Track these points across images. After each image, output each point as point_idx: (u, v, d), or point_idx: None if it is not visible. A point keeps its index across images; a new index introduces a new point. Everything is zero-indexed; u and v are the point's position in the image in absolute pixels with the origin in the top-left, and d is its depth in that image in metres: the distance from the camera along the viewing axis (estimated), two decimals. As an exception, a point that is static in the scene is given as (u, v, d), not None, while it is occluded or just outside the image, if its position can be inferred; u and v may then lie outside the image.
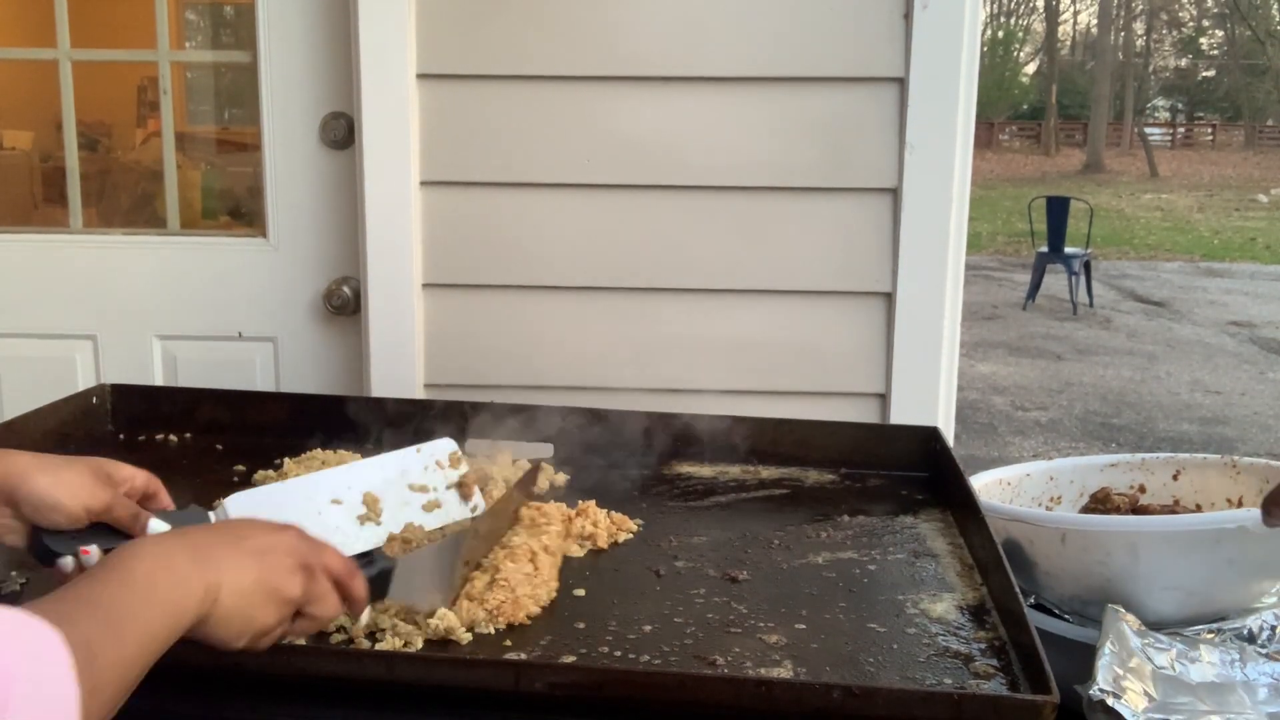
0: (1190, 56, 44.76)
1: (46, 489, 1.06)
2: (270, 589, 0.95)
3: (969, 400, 7.71)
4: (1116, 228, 18.23)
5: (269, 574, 0.95)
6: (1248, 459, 1.89)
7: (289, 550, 0.98)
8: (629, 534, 1.46)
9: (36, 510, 1.06)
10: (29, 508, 1.06)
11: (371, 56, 2.10)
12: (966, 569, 1.38)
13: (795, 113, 2.11)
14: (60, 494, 1.07)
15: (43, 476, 1.07)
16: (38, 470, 1.07)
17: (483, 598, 1.21)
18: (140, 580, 0.85)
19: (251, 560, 0.94)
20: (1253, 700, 1.42)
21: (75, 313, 2.30)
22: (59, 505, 1.06)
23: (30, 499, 1.06)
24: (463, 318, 2.20)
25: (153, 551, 0.88)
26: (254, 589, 0.93)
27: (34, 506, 1.06)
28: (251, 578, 0.93)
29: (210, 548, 0.92)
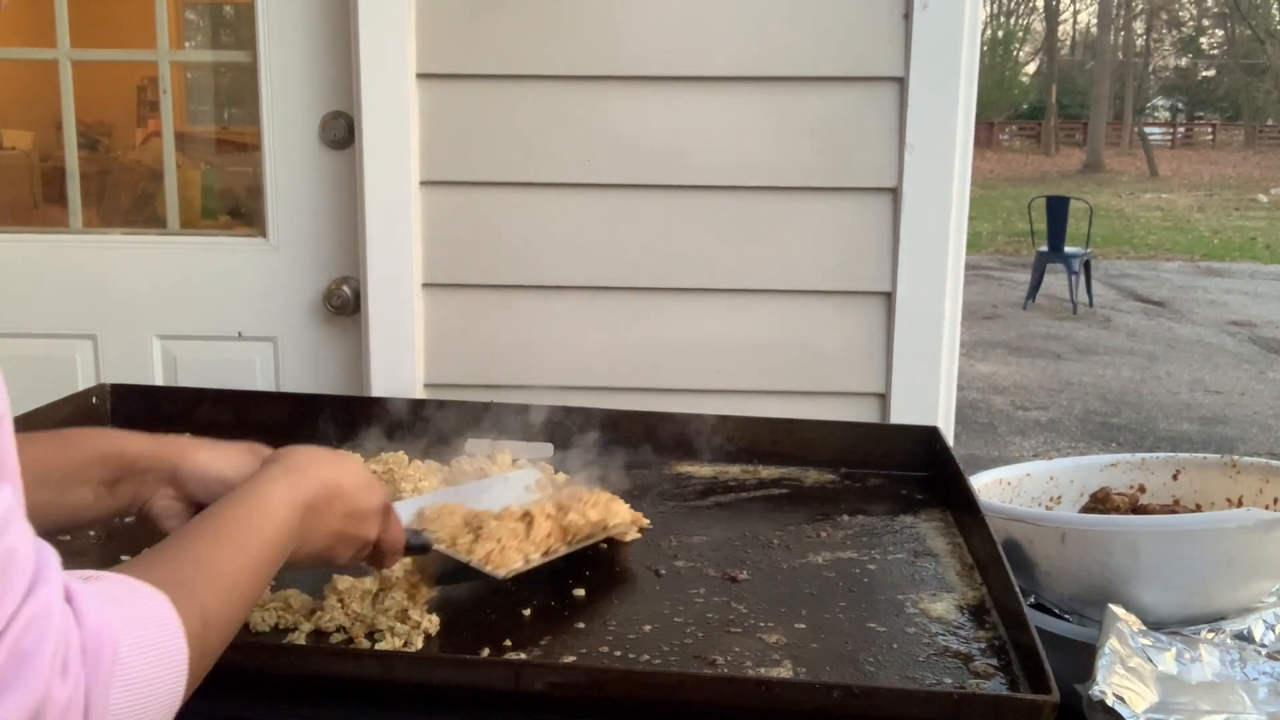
0: (1190, 56, 44.77)
1: (209, 462, 1.08)
2: (327, 556, 1.06)
3: (969, 400, 7.71)
4: (1116, 227, 18.23)
5: (337, 545, 1.06)
6: (1248, 459, 1.89)
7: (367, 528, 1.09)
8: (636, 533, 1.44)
9: (201, 484, 1.07)
10: (194, 483, 1.07)
11: (371, 56, 2.10)
12: (966, 569, 1.38)
13: (795, 113, 2.11)
14: (223, 466, 1.08)
15: (204, 453, 1.09)
16: (199, 448, 1.09)
17: (470, 549, 1.24)
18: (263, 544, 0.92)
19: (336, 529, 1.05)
20: (1253, 700, 1.42)
21: (75, 313, 2.30)
22: (223, 477, 1.06)
23: (194, 474, 1.07)
24: (463, 318, 2.20)
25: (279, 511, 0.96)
26: (319, 554, 1.05)
27: (199, 481, 1.07)
28: (323, 546, 1.05)
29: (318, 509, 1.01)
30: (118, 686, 0.69)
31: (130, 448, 1.07)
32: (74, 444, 1.06)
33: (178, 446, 1.09)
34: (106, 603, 0.71)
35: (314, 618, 1.19)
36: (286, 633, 1.18)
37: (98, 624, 0.69)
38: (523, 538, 1.28)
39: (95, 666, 0.68)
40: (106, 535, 1.46)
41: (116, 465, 1.06)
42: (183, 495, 1.08)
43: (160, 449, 1.08)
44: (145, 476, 1.07)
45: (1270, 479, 1.82)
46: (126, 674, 0.70)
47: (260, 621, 1.18)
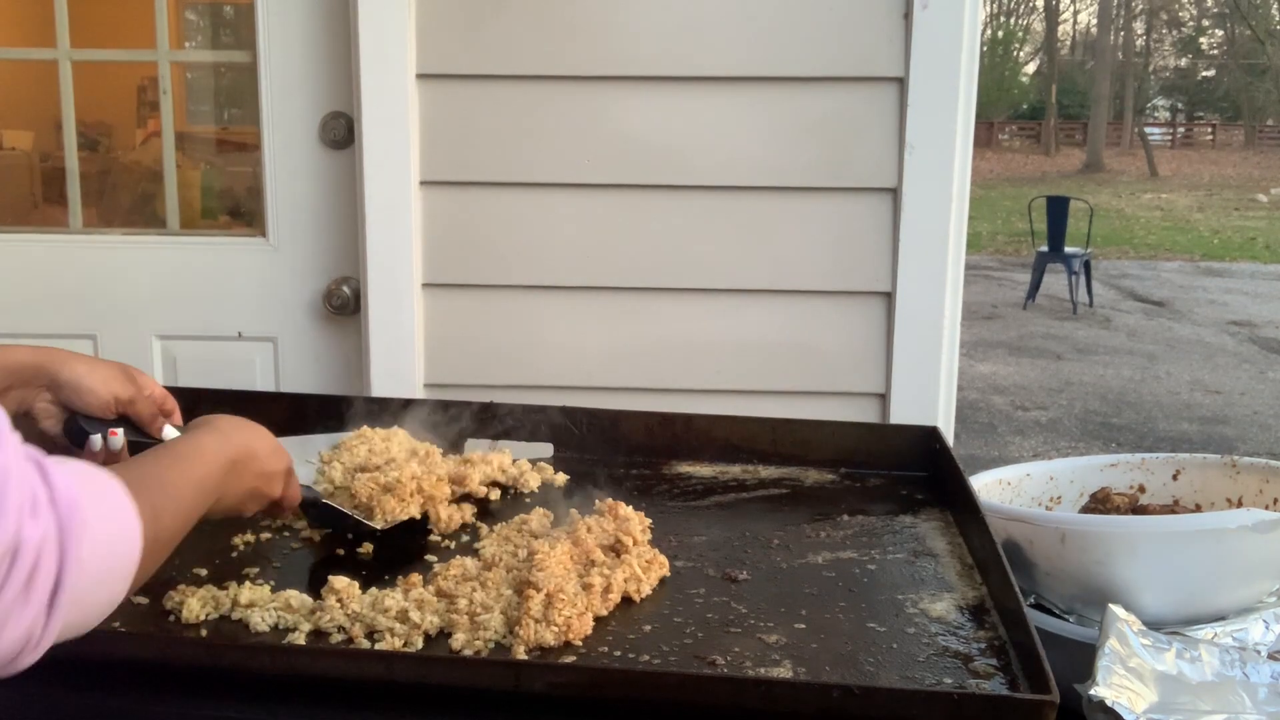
0: (1190, 56, 44.77)
1: (83, 374, 1.21)
2: (239, 509, 1.19)
3: (969, 400, 7.71)
4: (1116, 227, 18.23)
5: (248, 501, 1.20)
6: (1248, 459, 1.89)
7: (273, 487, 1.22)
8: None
9: (74, 393, 1.20)
10: (68, 390, 1.20)
11: (371, 56, 2.10)
12: (966, 569, 1.38)
13: (795, 113, 2.11)
14: (94, 380, 1.21)
15: (80, 365, 1.21)
16: (76, 360, 1.22)
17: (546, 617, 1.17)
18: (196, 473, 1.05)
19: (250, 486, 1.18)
20: (1253, 700, 1.42)
21: (75, 313, 2.30)
22: (93, 390, 1.21)
23: (70, 383, 1.20)
24: (463, 318, 2.20)
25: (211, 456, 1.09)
26: (234, 507, 1.17)
27: (73, 389, 1.20)
28: (237, 500, 1.16)
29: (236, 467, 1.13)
30: (87, 541, 0.78)
31: (14, 358, 1.20)
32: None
33: (58, 357, 1.22)
34: (74, 475, 0.80)
35: (314, 618, 1.19)
36: (286, 633, 1.18)
37: (67, 486, 0.77)
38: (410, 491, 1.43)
39: (68, 516, 0.76)
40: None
41: (3, 374, 1.19)
42: (58, 400, 1.21)
43: (41, 358, 1.21)
44: (28, 384, 1.20)
45: (1270, 479, 1.82)
46: (93, 533, 0.79)
47: (260, 621, 1.18)
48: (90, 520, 0.79)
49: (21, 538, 0.73)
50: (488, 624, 1.17)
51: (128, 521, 0.85)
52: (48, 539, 0.74)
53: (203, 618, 1.20)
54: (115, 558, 0.83)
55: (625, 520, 1.39)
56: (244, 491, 1.17)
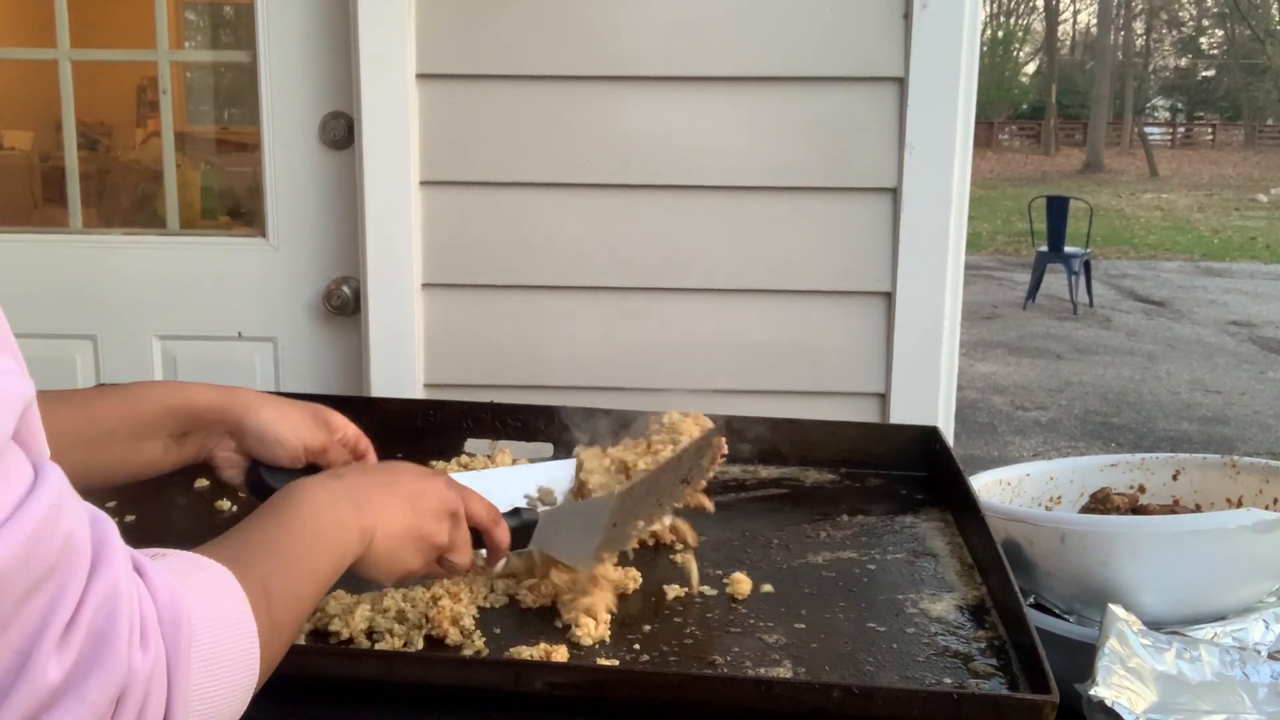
0: (1190, 56, 44.78)
1: (270, 422, 1.10)
2: (419, 534, 0.99)
3: (969, 400, 7.71)
4: (1116, 227, 18.23)
5: (419, 519, 0.99)
6: (1248, 459, 1.89)
7: (439, 497, 1.02)
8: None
9: (260, 443, 1.10)
10: (253, 440, 1.10)
11: (371, 56, 2.10)
12: (966, 569, 1.38)
13: (795, 113, 2.11)
14: (283, 429, 1.10)
15: (268, 410, 1.11)
16: (264, 405, 1.11)
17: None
18: (306, 523, 0.88)
19: (404, 505, 0.98)
20: (1253, 700, 1.42)
21: (75, 313, 2.30)
22: (281, 440, 1.09)
23: (255, 431, 1.10)
24: (463, 318, 2.20)
25: (314, 495, 0.91)
26: (405, 533, 0.98)
27: (257, 439, 1.10)
28: (403, 523, 0.97)
29: (367, 491, 0.96)
30: (197, 658, 0.69)
31: (198, 401, 1.10)
32: (144, 399, 1.09)
33: (243, 400, 1.11)
34: (176, 577, 0.70)
35: (315, 618, 1.19)
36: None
37: (171, 597, 0.68)
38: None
39: (174, 637, 0.68)
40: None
41: (185, 418, 1.09)
42: (242, 449, 1.11)
43: (226, 402, 1.10)
44: (210, 429, 1.10)
45: (1270, 479, 1.82)
46: (204, 646, 0.70)
47: (260, 621, 1.18)
48: (200, 631, 0.70)
49: (133, 672, 0.64)
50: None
51: (241, 620, 0.74)
52: (157, 668, 0.66)
53: None
54: (232, 670, 0.73)
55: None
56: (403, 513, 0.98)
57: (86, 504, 0.67)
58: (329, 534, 0.90)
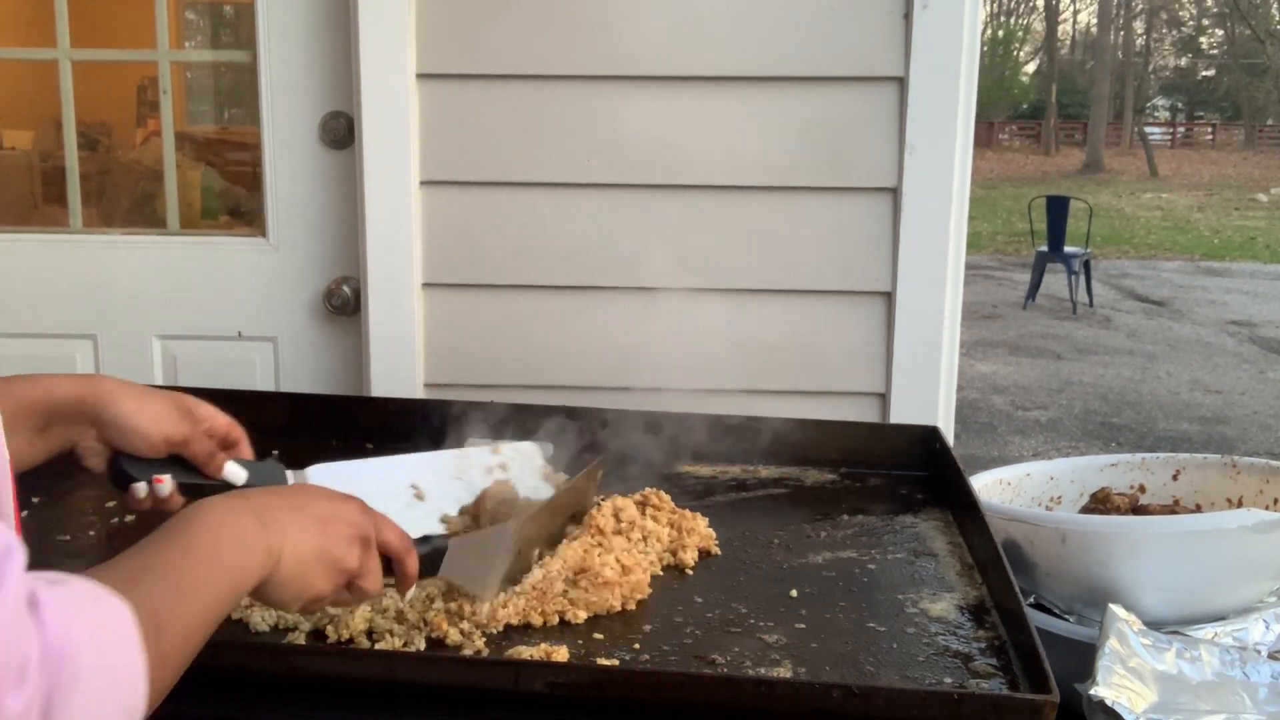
0: (1190, 56, 44.78)
1: (130, 414, 1.09)
2: (329, 558, 0.96)
3: (969, 400, 7.71)
4: (1116, 227, 18.23)
5: (329, 542, 0.96)
6: (1248, 459, 1.89)
7: (350, 521, 0.99)
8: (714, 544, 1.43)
9: (119, 433, 1.09)
10: (112, 430, 1.09)
11: (371, 56, 2.10)
12: (966, 569, 1.38)
13: (795, 113, 2.10)
14: (142, 420, 1.09)
15: (129, 402, 1.09)
16: (124, 395, 1.10)
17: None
18: (205, 545, 0.85)
19: (314, 528, 0.95)
20: (1253, 700, 1.42)
21: (75, 313, 2.30)
22: (140, 431, 1.09)
23: (114, 422, 1.09)
24: (463, 318, 2.20)
25: (218, 515, 0.88)
26: (313, 557, 0.94)
27: (117, 430, 1.09)
28: (312, 545, 0.94)
29: (274, 511, 0.93)
30: (78, 698, 0.67)
31: (56, 393, 1.08)
32: (4, 394, 1.07)
33: (103, 390, 1.10)
34: (70, 611, 0.69)
35: (314, 618, 1.19)
36: (286, 633, 1.18)
37: (60, 635, 0.66)
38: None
39: (56, 676, 0.65)
40: (106, 535, 1.46)
41: (44, 411, 1.08)
42: (103, 439, 1.10)
43: (85, 392, 1.09)
44: (71, 420, 1.09)
45: (1270, 479, 1.83)
46: (87, 685, 0.67)
47: (260, 621, 1.18)
48: (85, 671, 0.67)
49: (2, 711, 0.62)
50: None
51: (130, 658, 0.72)
52: (31, 708, 0.64)
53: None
54: (115, 709, 0.70)
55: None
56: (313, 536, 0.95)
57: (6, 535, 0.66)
58: (229, 556, 0.87)
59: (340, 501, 1.00)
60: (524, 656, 1.12)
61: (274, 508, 0.94)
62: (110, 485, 1.12)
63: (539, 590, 1.22)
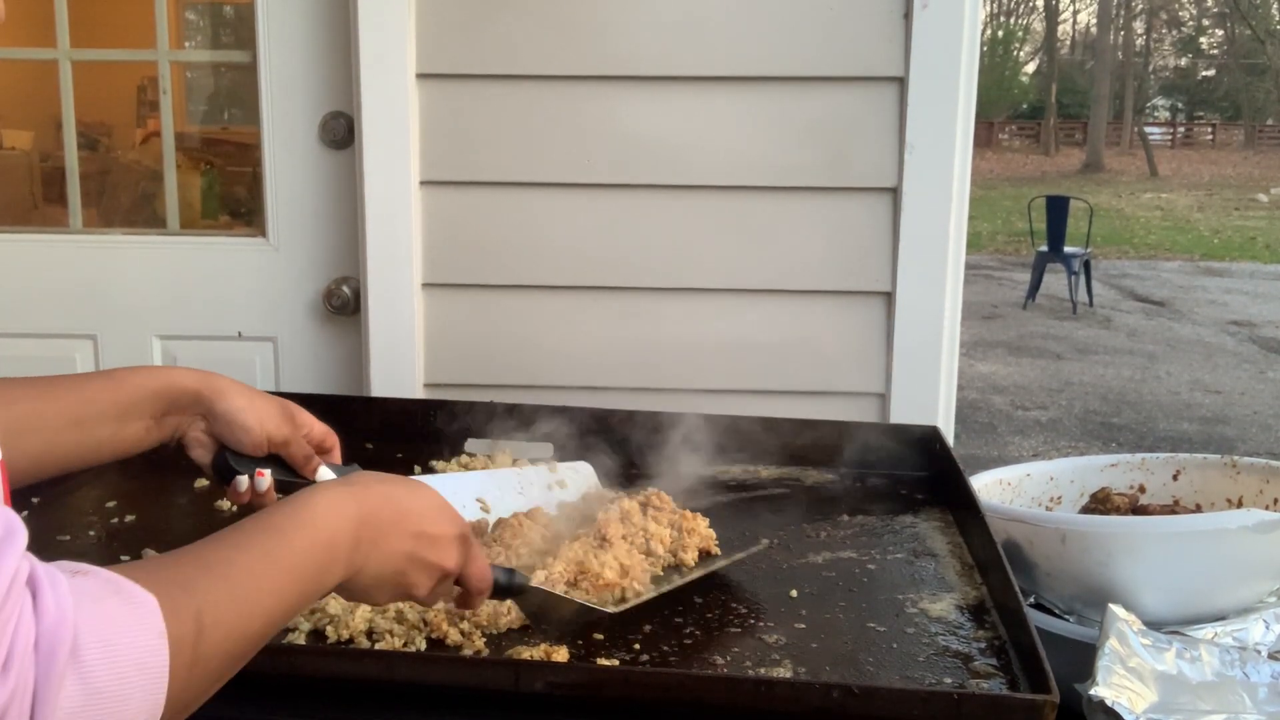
0: (1190, 56, 44.78)
1: (240, 410, 1.14)
2: (402, 582, 0.95)
3: (969, 400, 7.71)
4: (1116, 227, 18.22)
5: (410, 567, 0.95)
6: (1248, 459, 1.89)
7: (444, 552, 0.97)
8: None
9: (228, 428, 1.14)
10: (222, 424, 1.14)
11: (371, 56, 2.10)
12: (966, 569, 1.38)
13: (795, 113, 2.11)
14: (250, 418, 1.14)
15: (239, 399, 1.15)
16: (236, 393, 1.16)
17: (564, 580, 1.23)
18: (295, 552, 0.84)
19: (405, 547, 0.94)
20: (1253, 700, 1.42)
21: (75, 313, 2.30)
22: (247, 427, 1.14)
23: (224, 416, 1.14)
24: (463, 318, 2.20)
25: (325, 520, 0.87)
26: (389, 577, 0.94)
27: (226, 424, 1.14)
28: (393, 567, 0.93)
29: (379, 527, 0.92)
30: (71, 685, 0.65)
31: (178, 383, 1.14)
32: (131, 381, 1.14)
33: (217, 386, 1.15)
34: (81, 599, 0.67)
35: (314, 618, 1.19)
36: (286, 633, 1.18)
37: (57, 622, 0.65)
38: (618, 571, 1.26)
39: (49, 663, 0.64)
40: (107, 535, 1.47)
41: (166, 400, 1.14)
42: (211, 432, 1.15)
43: (202, 385, 1.15)
44: (186, 411, 1.15)
45: (1270, 479, 1.83)
46: (86, 675, 0.65)
47: (260, 621, 1.18)
48: (88, 658, 0.65)
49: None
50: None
51: (147, 652, 0.69)
52: (18, 694, 0.62)
53: None
54: (122, 704, 0.67)
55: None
56: (398, 556, 0.93)
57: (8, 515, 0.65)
58: (314, 569, 0.85)
59: (446, 524, 0.98)
60: (524, 656, 1.12)
61: (382, 516, 0.92)
62: (214, 477, 1.17)
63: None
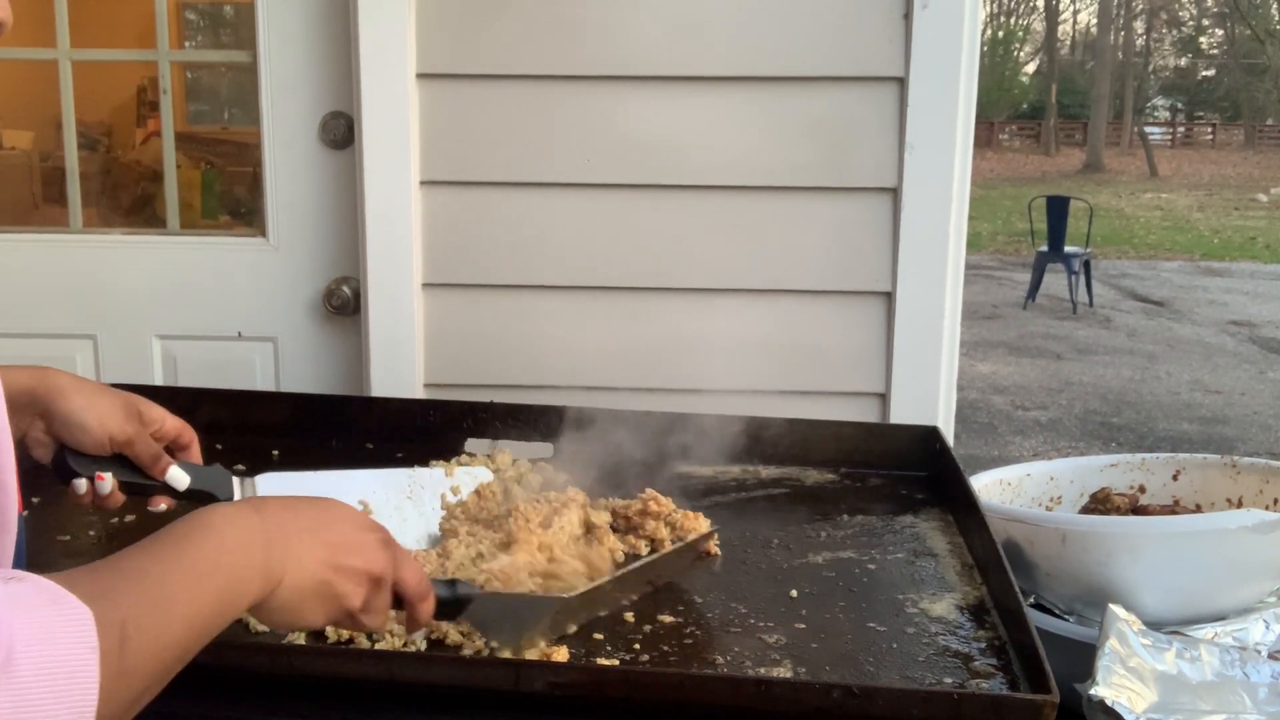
0: (1190, 56, 44.77)
1: (77, 410, 1.10)
2: (330, 594, 0.90)
3: (969, 400, 7.71)
4: (1116, 227, 18.22)
5: (335, 577, 0.90)
6: (1248, 459, 1.89)
7: (367, 558, 0.92)
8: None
9: (65, 428, 1.10)
10: (59, 424, 1.11)
11: (371, 56, 2.10)
12: (966, 569, 1.38)
13: (795, 113, 2.11)
14: (89, 417, 1.10)
15: (77, 398, 1.11)
16: (74, 391, 1.11)
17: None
18: (201, 561, 0.80)
19: (322, 556, 0.89)
20: (1253, 700, 1.42)
21: (75, 313, 2.30)
22: (85, 427, 1.10)
23: (61, 416, 1.10)
24: (463, 318, 2.20)
25: (225, 531, 0.83)
26: (314, 591, 0.89)
27: (63, 424, 1.10)
28: (316, 579, 0.89)
29: (285, 532, 0.88)
30: (8, 698, 0.63)
31: (9, 382, 1.06)
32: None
33: (54, 384, 1.11)
34: (16, 609, 0.66)
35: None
36: (286, 633, 1.18)
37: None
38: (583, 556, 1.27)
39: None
40: (106, 535, 1.46)
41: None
42: (50, 432, 1.11)
43: (35, 384, 1.11)
44: (21, 411, 1.10)
45: (1270, 479, 1.83)
46: (18, 687, 0.64)
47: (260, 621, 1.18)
48: (21, 670, 0.64)
49: None
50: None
51: (79, 666, 0.67)
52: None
53: None
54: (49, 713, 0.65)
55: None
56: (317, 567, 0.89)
57: None
58: (223, 578, 0.81)
59: (363, 531, 0.94)
60: (524, 657, 1.12)
61: (288, 526, 0.88)
62: (53, 479, 1.12)
63: None
